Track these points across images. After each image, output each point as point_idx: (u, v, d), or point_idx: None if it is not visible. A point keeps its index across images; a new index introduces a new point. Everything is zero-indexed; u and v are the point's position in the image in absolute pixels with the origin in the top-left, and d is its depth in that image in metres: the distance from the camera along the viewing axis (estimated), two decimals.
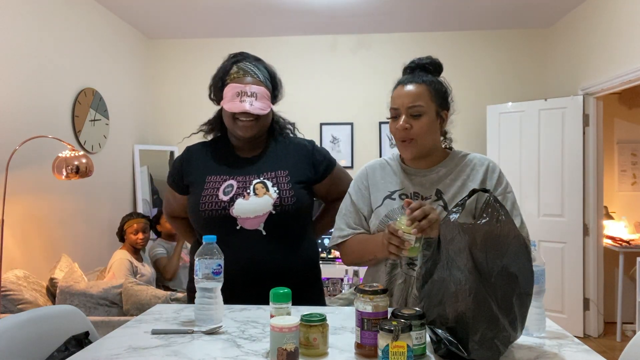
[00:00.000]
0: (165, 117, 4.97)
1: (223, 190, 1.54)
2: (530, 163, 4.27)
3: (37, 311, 1.26)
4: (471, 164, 1.45)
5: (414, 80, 1.40)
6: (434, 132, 1.41)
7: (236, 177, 1.56)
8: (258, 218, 1.50)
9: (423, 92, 1.38)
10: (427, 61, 1.45)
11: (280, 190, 1.52)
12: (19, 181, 2.99)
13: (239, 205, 1.50)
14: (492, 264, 1.00)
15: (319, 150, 1.69)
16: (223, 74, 1.60)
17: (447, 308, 1.03)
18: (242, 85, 1.53)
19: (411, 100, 1.37)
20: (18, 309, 2.53)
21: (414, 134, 1.38)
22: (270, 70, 1.65)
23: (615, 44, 3.56)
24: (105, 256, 3.80)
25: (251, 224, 1.51)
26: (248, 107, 1.51)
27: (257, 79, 1.56)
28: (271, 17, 4.34)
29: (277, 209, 1.51)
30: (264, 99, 1.55)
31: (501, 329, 0.99)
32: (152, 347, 1.10)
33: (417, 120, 1.37)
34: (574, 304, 4.05)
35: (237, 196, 1.52)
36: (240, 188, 1.53)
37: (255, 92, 1.53)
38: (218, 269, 1.26)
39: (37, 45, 3.20)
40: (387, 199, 1.46)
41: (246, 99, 1.52)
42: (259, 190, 1.52)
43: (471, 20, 4.47)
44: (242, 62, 1.59)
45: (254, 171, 1.57)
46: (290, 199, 1.52)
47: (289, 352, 0.98)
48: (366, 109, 4.81)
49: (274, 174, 1.56)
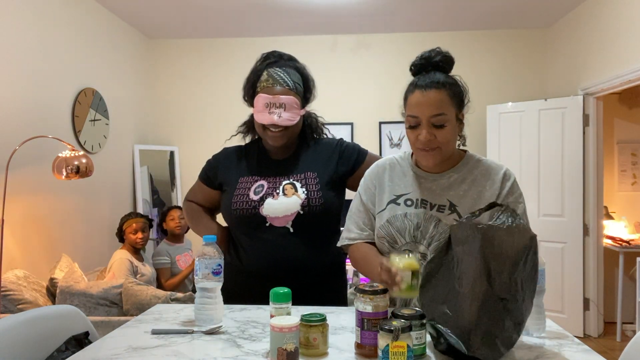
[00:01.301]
0: (165, 117, 4.97)
1: (254, 190, 1.60)
2: (530, 163, 4.27)
3: (37, 311, 1.26)
4: (487, 174, 1.38)
5: (432, 84, 1.31)
6: (455, 139, 1.36)
7: (267, 178, 1.62)
8: (286, 217, 1.55)
9: (444, 98, 1.30)
10: (439, 58, 1.37)
11: (309, 192, 1.57)
12: (19, 181, 2.99)
13: (268, 204, 1.56)
14: (503, 267, 0.99)
15: (348, 144, 1.73)
16: (255, 80, 1.63)
17: (451, 306, 1.03)
18: (271, 96, 1.57)
19: (433, 109, 1.29)
20: (18, 309, 2.53)
21: (438, 143, 1.31)
22: (303, 73, 1.68)
23: (615, 44, 3.56)
24: (105, 256, 3.80)
25: (280, 222, 1.56)
26: (276, 119, 1.56)
27: (286, 88, 1.59)
28: (271, 17, 4.34)
29: (305, 209, 1.55)
30: (293, 108, 1.58)
31: (505, 329, 0.99)
32: (152, 347, 1.10)
33: (441, 130, 1.30)
34: (574, 304, 4.05)
35: (267, 196, 1.58)
36: (270, 188, 1.59)
37: (284, 102, 1.56)
38: (218, 269, 1.26)
39: (37, 45, 3.20)
40: (392, 204, 1.41)
41: (275, 111, 1.56)
42: (288, 191, 1.58)
43: (471, 20, 4.47)
44: (273, 68, 1.61)
45: (284, 173, 1.63)
46: (317, 200, 1.56)
47: (289, 352, 0.98)
48: (366, 109, 4.81)
49: (303, 175, 1.62)
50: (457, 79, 1.38)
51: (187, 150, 4.89)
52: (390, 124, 4.70)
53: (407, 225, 1.37)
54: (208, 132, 4.82)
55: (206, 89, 4.89)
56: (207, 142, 4.73)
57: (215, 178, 1.71)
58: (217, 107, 4.82)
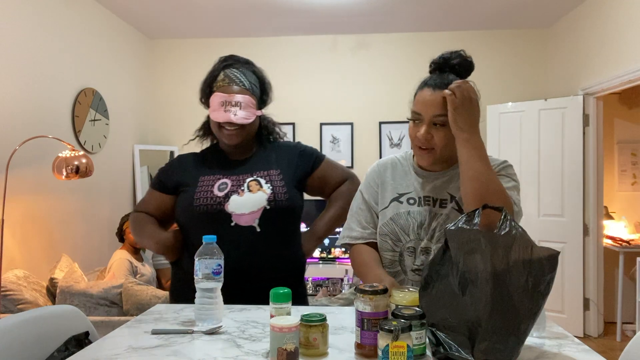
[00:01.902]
0: (165, 117, 4.97)
1: (218, 187, 1.56)
2: (530, 163, 4.27)
3: (37, 311, 1.26)
4: None
5: (441, 85, 1.30)
6: (454, 142, 1.30)
7: (230, 177, 1.59)
8: (253, 214, 1.52)
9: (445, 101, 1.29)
10: (457, 61, 1.36)
11: (274, 187, 1.56)
12: (19, 181, 2.99)
13: (234, 201, 1.53)
14: (516, 280, 0.97)
15: (307, 147, 1.74)
16: (211, 81, 1.62)
17: (451, 311, 1.02)
18: (226, 95, 1.56)
19: (436, 109, 1.28)
20: (18, 309, 2.53)
21: (434, 144, 1.31)
22: (259, 75, 1.66)
23: (615, 44, 3.56)
24: (105, 256, 3.80)
25: (246, 221, 1.52)
26: (232, 117, 1.54)
27: (242, 87, 1.58)
28: (271, 17, 4.34)
29: (272, 204, 1.53)
30: (249, 107, 1.57)
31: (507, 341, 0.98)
32: (152, 347, 1.10)
33: (440, 131, 1.30)
34: (574, 304, 4.05)
35: (231, 193, 1.54)
36: (234, 186, 1.56)
37: (240, 101, 1.55)
38: (218, 269, 1.26)
39: (37, 45, 3.20)
40: (395, 202, 1.42)
41: (231, 109, 1.55)
42: (253, 187, 1.56)
43: (471, 20, 4.47)
44: (229, 69, 1.60)
45: (247, 170, 1.61)
46: (283, 195, 1.55)
47: (289, 352, 0.98)
48: (366, 109, 4.81)
49: (266, 172, 1.60)
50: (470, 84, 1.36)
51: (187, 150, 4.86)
52: (390, 124, 4.70)
53: (411, 223, 1.38)
54: None
55: None
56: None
57: (170, 182, 1.65)
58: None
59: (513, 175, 1.37)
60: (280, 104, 1.75)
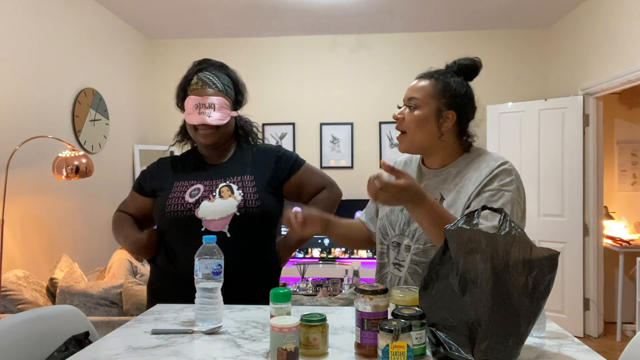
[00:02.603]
0: (165, 117, 4.97)
1: (189, 193, 1.58)
2: (530, 163, 4.27)
3: (37, 311, 1.26)
4: (478, 167, 1.35)
5: (425, 74, 1.39)
6: (426, 128, 1.35)
7: (203, 182, 1.61)
8: (223, 220, 1.53)
9: (425, 86, 1.36)
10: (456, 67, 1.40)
11: (245, 193, 1.56)
12: (19, 181, 2.99)
13: (204, 207, 1.54)
14: (516, 280, 0.97)
15: (286, 152, 1.73)
16: (185, 85, 1.64)
17: (451, 311, 1.02)
18: (200, 97, 1.57)
19: (410, 92, 1.37)
20: (18, 309, 2.53)
21: (405, 126, 1.37)
22: (233, 77, 1.67)
23: (615, 44, 3.56)
24: (105, 256, 3.80)
25: (216, 226, 1.53)
26: (207, 119, 1.56)
27: (216, 89, 1.59)
28: (271, 17, 4.34)
29: (242, 210, 1.54)
30: (223, 108, 1.58)
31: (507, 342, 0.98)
32: (152, 347, 1.10)
33: (411, 112, 1.36)
34: (574, 304, 4.05)
35: (202, 199, 1.56)
36: (206, 191, 1.58)
37: (214, 103, 1.57)
38: (218, 269, 1.26)
39: (37, 45, 3.20)
40: None
41: (205, 111, 1.56)
42: (224, 193, 1.56)
43: (471, 20, 4.47)
44: (202, 72, 1.62)
45: (220, 175, 1.62)
46: (254, 202, 1.55)
47: (289, 352, 0.98)
48: (366, 109, 4.81)
49: (239, 177, 1.61)
50: (459, 81, 1.38)
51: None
52: (390, 124, 4.70)
53: (400, 219, 1.43)
54: None
55: None
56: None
57: (148, 185, 1.69)
58: None
59: (508, 185, 1.29)
60: (280, 104, 1.77)
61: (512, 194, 1.28)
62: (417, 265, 1.36)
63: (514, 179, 1.31)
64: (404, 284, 1.39)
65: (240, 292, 1.49)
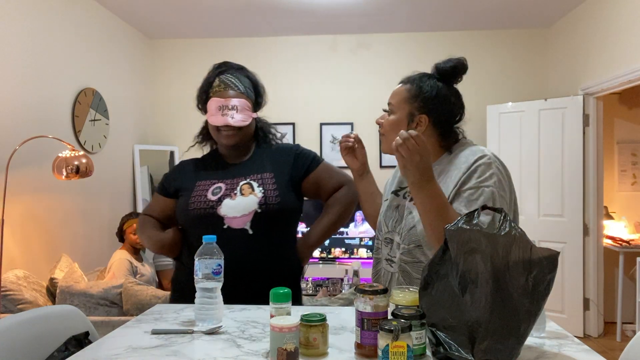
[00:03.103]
0: (165, 117, 4.97)
1: (212, 191, 1.62)
2: (530, 163, 4.27)
3: (37, 311, 1.26)
4: (458, 163, 1.35)
5: (404, 80, 1.47)
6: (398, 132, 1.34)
7: (224, 180, 1.65)
8: (244, 217, 1.56)
9: (400, 92, 1.43)
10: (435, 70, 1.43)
11: (266, 190, 1.60)
12: (19, 181, 2.99)
13: (226, 204, 1.58)
14: (516, 280, 0.97)
15: (304, 150, 1.77)
16: (207, 87, 1.69)
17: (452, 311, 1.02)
18: (223, 99, 1.62)
19: (389, 97, 1.46)
20: (18, 309, 2.53)
21: (383, 130, 1.46)
22: (253, 79, 1.73)
23: (615, 44, 3.56)
24: (105, 256, 3.80)
25: (237, 223, 1.56)
26: (229, 120, 1.61)
27: (238, 91, 1.64)
28: (271, 17, 4.34)
29: (262, 207, 1.57)
30: (245, 110, 1.63)
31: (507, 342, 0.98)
32: (152, 347, 1.10)
33: (387, 116, 1.45)
34: (574, 304, 4.05)
35: (224, 197, 1.60)
36: (228, 189, 1.61)
37: (236, 105, 1.62)
38: (218, 268, 1.26)
39: (37, 45, 3.20)
40: (392, 194, 1.51)
41: (228, 113, 1.61)
42: (245, 190, 1.60)
43: (471, 20, 4.47)
44: (224, 75, 1.67)
45: (241, 174, 1.66)
46: (274, 198, 1.58)
47: (289, 352, 0.98)
48: (366, 109, 4.81)
49: (260, 175, 1.64)
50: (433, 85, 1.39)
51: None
52: None
53: (393, 216, 1.46)
54: None
55: None
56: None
57: (171, 186, 1.73)
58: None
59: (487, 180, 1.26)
60: (280, 104, 1.78)
61: (493, 189, 1.25)
62: (406, 264, 1.38)
63: (494, 172, 1.28)
64: (396, 281, 1.40)
65: (262, 289, 1.47)
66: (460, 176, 1.30)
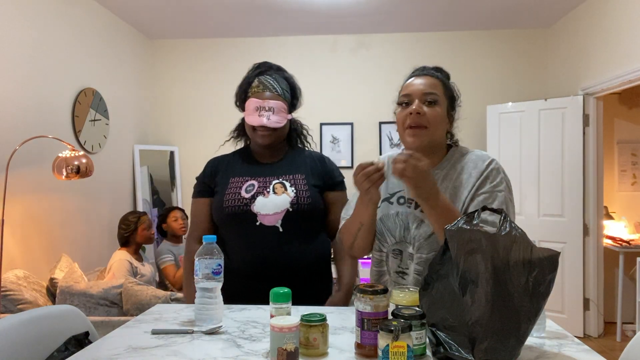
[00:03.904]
0: (165, 117, 4.97)
1: (245, 189, 1.67)
2: (530, 163, 4.27)
3: (37, 311, 1.26)
4: (466, 169, 1.35)
5: (429, 72, 1.39)
6: (443, 125, 1.36)
7: (257, 178, 1.69)
8: (277, 215, 1.61)
9: (438, 84, 1.37)
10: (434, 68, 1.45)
11: (298, 190, 1.65)
12: (19, 181, 2.99)
13: (260, 202, 1.63)
14: (516, 280, 0.97)
15: (334, 167, 1.81)
16: (246, 86, 1.73)
17: (452, 311, 1.02)
18: (261, 100, 1.66)
19: (427, 87, 1.33)
20: (18, 309, 2.53)
21: (427, 121, 1.31)
22: (290, 81, 1.78)
23: (615, 44, 3.56)
24: (105, 256, 3.80)
25: (269, 221, 1.61)
26: (265, 121, 1.65)
27: (275, 93, 1.69)
28: (271, 17, 4.34)
29: (294, 206, 1.62)
30: (281, 112, 1.68)
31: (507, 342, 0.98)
32: (152, 347, 1.10)
33: (432, 107, 1.32)
34: (574, 304, 4.05)
35: (257, 194, 1.65)
36: (260, 187, 1.66)
37: (273, 106, 1.66)
38: (218, 269, 1.26)
39: (37, 45, 3.20)
40: (385, 202, 1.44)
41: (264, 114, 1.66)
42: (278, 189, 1.65)
43: (471, 20, 4.47)
44: (263, 75, 1.72)
45: (274, 173, 1.71)
46: (306, 199, 1.64)
47: (289, 352, 0.98)
48: (366, 109, 4.81)
49: (292, 176, 1.70)
50: (452, 83, 1.44)
51: (187, 150, 4.89)
52: (390, 124, 4.70)
53: (398, 225, 1.39)
54: (208, 132, 4.81)
55: (206, 88, 4.89)
56: (207, 142, 4.73)
57: (206, 185, 1.76)
58: (217, 107, 4.82)
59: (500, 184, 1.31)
60: None
61: (504, 193, 1.31)
62: (420, 275, 1.33)
63: (503, 177, 1.33)
64: None
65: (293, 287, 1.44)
66: (474, 182, 1.32)
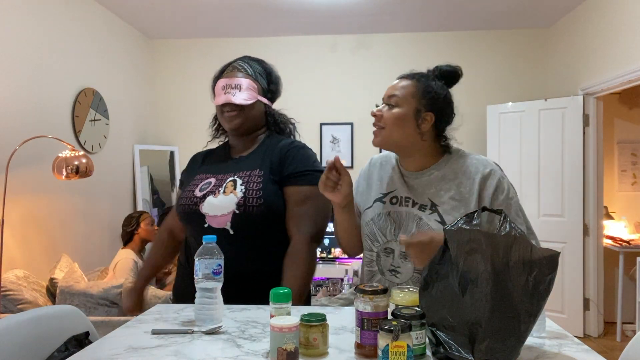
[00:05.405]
0: (165, 117, 4.97)
1: (200, 187, 1.56)
2: (530, 163, 4.27)
3: (37, 311, 1.26)
4: (468, 173, 1.37)
5: (405, 75, 1.42)
6: (404, 127, 1.36)
7: (217, 176, 1.58)
8: (224, 217, 1.48)
9: (406, 86, 1.38)
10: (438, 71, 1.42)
11: (247, 190, 1.48)
12: (19, 181, 2.99)
13: (208, 202, 1.51)
14: (516, 280, 0.97)
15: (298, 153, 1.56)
16: (219, 75, 1.65)
17: (451, 311, 1.02)
18: (228, 79, 1.57)
19: (391, 90, 1.40)
20: (18, 309, 2.53)
21: (383, 122, 1.38)
22: (267, 68, 1.67)
23: (615, 44, 3.56)
24: (105, 256, 3.80)
25: (218, 222, 1.49)
26: (231, 97, 1.54)
27: (245, 73, 1.59)
28: (271, 17, 4.34)
29: (241, 208, 1.47)
30: (250, 90, 1.56)
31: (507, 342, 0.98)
32: (152, 347, 1.10)
33: (390, 109, 1.38)
34: (574, 304, 4.05)
35: (209, 193, 1.53)
36: (215, 186, 1.54)
37: (240, 83, 1.55)
38: (218, 269, 1.26)
39: (37, 45, 3.20)
40: (378, 202, 1.45)
41: (230, 91, 1.55)
42: (228, 188, 1.51)
43: (471, 20, 4.47)
44: (236, 62, 1.63)
45: (232, 169, 1.57)
46: (256, 200, 1.47)
47: (289, 352, 0.98)
48: (366, 109, 4.79)
49: (248, 172, 1.53)
50: (440, 85, 1.40)
51: (187, 150, 4.88)
52: None
53: (389, 224, 1.40)
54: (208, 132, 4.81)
55: (206, 88, 4.86)
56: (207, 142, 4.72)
57: (183, 180, 1.73)
58: None
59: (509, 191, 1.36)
60: (280, 104, 1.75)
61: (515, 199, 1.36)
62: (419, 273, 1.34)
63: (507, 182, 1.38)
64: None
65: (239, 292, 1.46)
66: (478, 187, 1.34)
